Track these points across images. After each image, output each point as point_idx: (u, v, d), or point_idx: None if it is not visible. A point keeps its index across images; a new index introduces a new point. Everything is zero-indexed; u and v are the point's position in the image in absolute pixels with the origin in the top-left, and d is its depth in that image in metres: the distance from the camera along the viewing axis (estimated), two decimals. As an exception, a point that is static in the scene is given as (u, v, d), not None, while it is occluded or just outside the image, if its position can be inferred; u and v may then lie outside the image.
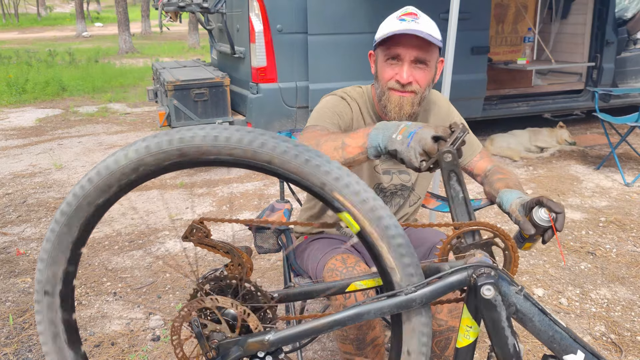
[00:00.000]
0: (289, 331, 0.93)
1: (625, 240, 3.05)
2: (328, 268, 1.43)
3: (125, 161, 0.83)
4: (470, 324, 0.97)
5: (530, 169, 4.54)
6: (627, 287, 2.51)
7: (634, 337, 2.11)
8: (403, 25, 1.40)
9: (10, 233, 3.25)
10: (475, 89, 4.70)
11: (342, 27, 4.10)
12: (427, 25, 1.42)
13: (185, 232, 1.05)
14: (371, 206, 0.86)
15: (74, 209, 0.86)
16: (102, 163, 0.84)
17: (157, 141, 0.83)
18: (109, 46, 19.40)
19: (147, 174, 0.85)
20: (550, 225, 1.21)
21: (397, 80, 1.44)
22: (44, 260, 0.88)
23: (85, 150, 5.26)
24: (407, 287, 0.90)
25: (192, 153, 0.83)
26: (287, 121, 4.22)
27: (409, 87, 1.44)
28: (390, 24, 1.45)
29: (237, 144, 0.82)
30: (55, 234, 0.87)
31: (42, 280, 0.89)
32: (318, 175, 0.84)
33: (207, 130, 0.82)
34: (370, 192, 0.87)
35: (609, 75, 5.37)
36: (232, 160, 0.84)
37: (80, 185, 0.85)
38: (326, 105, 1.55)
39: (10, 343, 2.10)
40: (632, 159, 4.70)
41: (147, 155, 0.83)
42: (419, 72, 1.44)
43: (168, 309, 2.36)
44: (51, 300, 0.90)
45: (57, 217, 0.86)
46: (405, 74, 1.43)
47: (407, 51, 1.42)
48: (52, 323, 0.91)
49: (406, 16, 1.43)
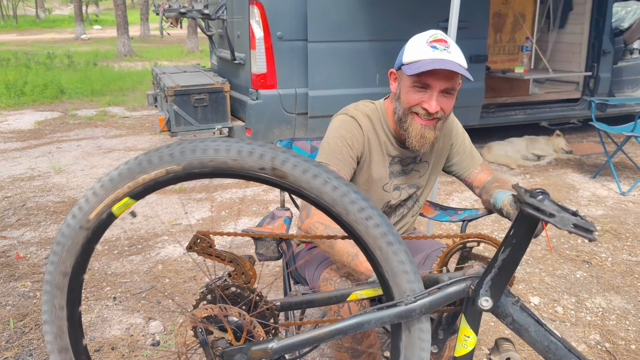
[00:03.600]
0: (291, 340, 0.95)
1: (621, 249, 3.08)
2: (323, 277, 1.45)
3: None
4: (468, 334, 1.00)
5: (527, 176, 4.57)
6: (622, 296, 2.54)
7: (628, 346, 2.14)
8: (436, 55, 1.38)
9: (10, 237, 3.27)
10: (473, 97, 4.74)
11: (341, 35, 4.14)
12: (457, 54, 1.41)
13: (189, 242, 1.07)
14: (375, 222, 0.88)
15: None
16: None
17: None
18: (108, 49, 19.43)
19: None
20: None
21: (424, 108, 1.44)
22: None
23: (84, 154, 5.27)
24: (407, 298, 0.93)
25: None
26: (287, 127, 4.25)
27: (435, 115, 1.45)
28: (421, 51, 1.42)
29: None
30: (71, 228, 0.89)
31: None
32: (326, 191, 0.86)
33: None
34: (375, 207, 0.89)
35: (605, 85, 5.43)
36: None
37: None
38: (337, 133, 1.53)
39: (11, 347, 2.11)
40: (628, 167, 4.74)
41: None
42: (445, 101, 1.44)
43: (168, 314, 2.37)
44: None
45: (75, 212, 0.88)
46: (434, 103, 1.42)
47: (437, 82, 1.41)
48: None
49: (437, 43, 1.41)
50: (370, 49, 4.24)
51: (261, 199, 3.97)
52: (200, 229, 3.29)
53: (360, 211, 0.87)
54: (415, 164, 1.64)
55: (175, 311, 2.41)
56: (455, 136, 1.69)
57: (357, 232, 0.88)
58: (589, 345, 2.15)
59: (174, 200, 3.91)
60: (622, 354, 2.09)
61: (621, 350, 2.11)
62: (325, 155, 1.50)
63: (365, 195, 0.89)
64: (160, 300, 2.49)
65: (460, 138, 1.70)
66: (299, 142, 1.99)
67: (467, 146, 1.72)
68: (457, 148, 1.70)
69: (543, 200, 0.85)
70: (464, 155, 1.71)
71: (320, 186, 0.86)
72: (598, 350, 2.12)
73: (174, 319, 2.34)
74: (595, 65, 5.36)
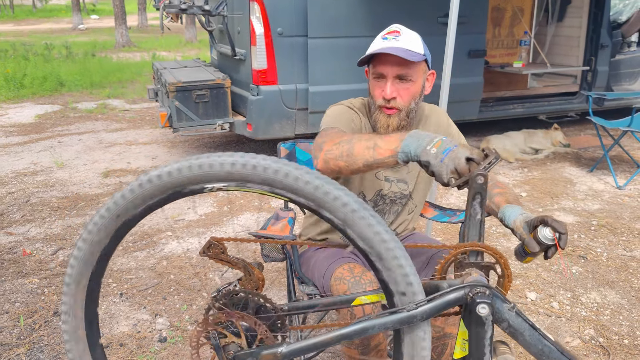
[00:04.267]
0: (300, 344, 1.01)
1: (616, 244, 3.14)
2: (335, 277, 1.50)
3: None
4: (466, 338, 1.05)
5: (524, 170, 4.62)
6: (617, 291, 2.60)
7: (621, 341, 2.21)
8: (384, 44, 1.48)
9: (16, 233, 3.32)
10: (472, 92, 4.77)
11: (341, 31, 4.17)
12: (407, 41, 1.49)
13: (202, 247, 1.12)
14: (376, 231, 0.93)
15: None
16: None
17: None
18: (106, 39, 19.34)
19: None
20: (554, 243, 1.28)
21: (382, 96, 1.53)
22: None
23: (85, 149, 5.31)
24: (408, 305, 0.98)
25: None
26: (287, 123, 4.28)
27: (393, 103, 1.52)
28: (375, 43, 1.53)
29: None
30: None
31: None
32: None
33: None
34: (377, 217, 0.94)
35: (603, 78, 5.46)
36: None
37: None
38: (338, 111, 1.62)
39: (22, 344, 2.17)
40: (624, 161, 4.79)
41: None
42: (402, 88, 1.52)
43: (173, 310, 2.43)
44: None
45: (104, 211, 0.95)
46: (389, 89, 1.51)
47: (389, 69, 1.49)
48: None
49: (389, 34, 1.51)
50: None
51: (263, 195, 4.02)
52: (213, 235, 3.35)
53: (369, 226, 0.92)
54: None
55: (181, 307, 2.47)
56: (451, 135, 1.73)
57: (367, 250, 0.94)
58: (583, 340, 2.22)
59: (176, 196, 3.96)
60: (615, 348, 2.16)
61: (614, 345, 2.18)
62: (333, 122, 1.56)
63: (373, 211, 0.94)
64: (166, 297, 2.55)
65: (456, 138, 1.74)
66: (302, 144, 2.03)
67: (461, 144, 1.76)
68: None
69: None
70: None
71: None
72: (592, 345, 2.19)
73: (180, 315, 2.40)
74: (593, 58, 5.39)
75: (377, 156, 1.23)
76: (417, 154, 1.16)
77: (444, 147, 1.13)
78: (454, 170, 1.11)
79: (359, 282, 1.45)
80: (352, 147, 1.29)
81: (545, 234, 1.28)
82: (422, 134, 1.19)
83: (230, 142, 5.51)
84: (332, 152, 1.34)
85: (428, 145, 1.15)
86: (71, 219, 3.54)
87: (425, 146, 1.15)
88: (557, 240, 1.26)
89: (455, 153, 1.11)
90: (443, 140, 1.14)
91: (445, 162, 1.11)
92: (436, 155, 1.12)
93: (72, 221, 3.50)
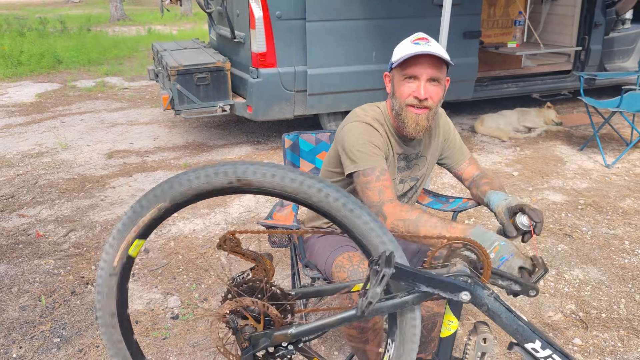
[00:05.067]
0: (307, 326, 1.16)
1: (601, 222, 3.31)
2: (336, 265, 1.66)
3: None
4: (451, 319, 1.21)
5: (517, 149, 4.76)
6: (598, 268, 2.78)
7: (599, 315, 2.39)
8: (418, 48, 1.57)
9: (28, 215, 3.46)
10: (467, 72, 4.87)
11: (338, 14, 4.24)
12: (438, 47, 1.60)
13: (219, 241, 1.26)
14: (370, 225, 1.08)
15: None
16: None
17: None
18: (100, 12, 19.16)
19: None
20: (530, 230, 1.44)
21: (415, 97, 1.60)
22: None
23: (88, 129, 5.41)
24: (402, 291, 1.13)
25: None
26: (286, 104, 4.39)
27: (425, 103, 1.61)
28: (406, 48, 1.60)
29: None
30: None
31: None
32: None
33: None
34: (373, 217, 1.08)
35: (596, 57, 5.56)
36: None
37: None
38: (364, 137, 1.64)
39: (45, 321, 2.34)
40: (614, 139, 4.94)
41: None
42: (433, 89, 1.61)
43: (183, 289, 2.60)
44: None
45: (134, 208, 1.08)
46: (423, 90, 1.59)
47: (423, 70, 1.58)
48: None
49: (420, 40, 1.60)
50: (367, 27, 4.35)
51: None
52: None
53: (371, 230, 1.07)
54: (417, 159, 1.83)
55: (190, 286, 2.64)
56: (447, 132, 1.87)
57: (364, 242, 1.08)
58: (564, 314, 2.40)
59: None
60: (593, 322, 2.34)
61: (592, 319, 2.36)
62: (364, 162, 1.61)
63: (368, 211, 1.08)
64: (176, 277, 2.72)
65: (452, 134, 1.88)
66: (304, 135, 2.16)
67: (457, 141, 1.90)
68: (449, 143, 1.88)
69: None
70: (454, 149, 1.89)
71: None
72: (572, 319, 2.37)
73: (190, 294, 2.57)
74: (586, 37, 5.47)
75: (451, 233, 1.36)
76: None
77: (501, 254, 1.24)
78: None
79: (357, 270, 1.60)
80: (418, 230, 1.40)
81: (523, 221, 1.44)
82: (486, 233, 1.28)
83: (230, 122, 5.61)
84: (398, 227, 1.46)
85: (488, 248, 1.26)
86: (80, 200, 3.68)
87: (487, 248, 1.25)
88: (532, 227, 1.42)
89: (510, 262, 1.23)
90: (501, 246, 1.25)
91: (501, 269, 1.22)
92: (494, 260, 1.24)
93: (80, 203, 3.64)
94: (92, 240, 3.12)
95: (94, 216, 3.43)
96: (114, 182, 4.01)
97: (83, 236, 3.17)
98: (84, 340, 2.22)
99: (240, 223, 3.33)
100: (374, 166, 1.59)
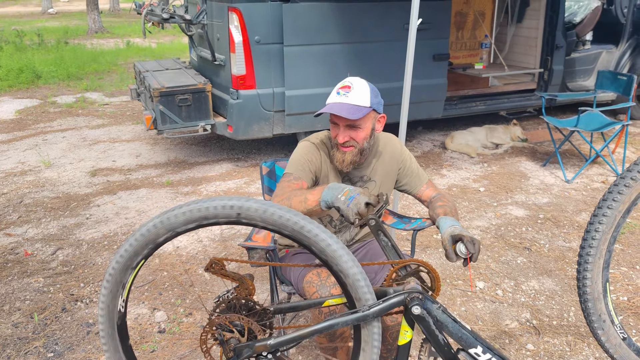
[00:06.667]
0: (284, 337, 1.36)
1: (558, 236, 3.58)
2: (306, 280, 1.86)
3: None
4: (406, 329, 1.42)
5: (485, 165, 5.04)
6: (553, 279, 3.03)
7: (551, 322, 2.63)
8: (336, 99, 1.84)
9: (15, 234, 3.58)
10: (437, 92, 5.15)
11: (314, 39, 4.47)
12: (356, 97, 1.83)
13: (206, 265, 1.45)
14: (334, 249, 1.28)
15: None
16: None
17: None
18: (77, 24, 19.10)
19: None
20: (467, 257, 1.66)
21: (337, 139, 1.89)
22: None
23: (70, 147, 5.52)
24: (363, 307, 1.34)
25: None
26: (265, 124, 4.59)
27: (347, 144, 1.89)
28: (330, 97, 1.88)
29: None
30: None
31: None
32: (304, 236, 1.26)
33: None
34: (334, 238, 1.29)
35: (558, 76, 5.89)
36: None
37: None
38: (301, 152, 1.99)
39: (38, 337, 2.48)
40: (575, 155, 5.25)
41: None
42: (354, 132, 1.88)
43: (169, 305, 2.76)
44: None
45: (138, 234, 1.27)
46: (341, 136, 1.87)
47: (340, 120, 1.86)
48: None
49: (342, 89, 1.86)
50: (342, 51, 4.59)
51: (244, 191, 4.34)
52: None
53: (333, 251, 1.27)
54: (363, 182, 2.05)
55: (176, 301, 2.80)
56: (403, 162, 2.09)
57: (333, 267, 1.29)
58: (520, 322, 2.63)
59: (163, 194, 4.25)
60: (545, 329, 2.58)
61: (545, 326, 2.60)
62: (290, 168, 1.96)
63: (336, 239, 1.29)
64: (162, 292, 2.88)
65: (408, 163, 2.10)
66: (280, 162, 2.36)
67: (414, 169, 2.12)
68: (405, 171, 2.10)
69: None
70: (412, 177, 2.11)
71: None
72: (527, 326, 2.60)
73: (175, 309, 2.73)
74: (549, 58, 5.81)
75: (308, 206, 1.68)
76: (332, 201, 1.59)
77: (350, 195, 1.56)
78: (357, 212, 1.54)
79: (324, 285, 1.80)
80: (291, 203, 1.71)
81: (461, 249, 1.66)
82: (337, 185, 1.62)
83: (211, 139, 5.79)
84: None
85: (339, 194, 1.58)
86: (65, 219, 3.81)
87: (337, 195, 1.58)
88: (469, 255, 1.64)
89: (357, 200, 1.55)
90: (350, 190, 1.57)
91: (350, 207, 1.54)
92: (344, 201, 1.56)
93: (66, 221, 3.77)
94: (79, 258, 3.26)
95: (80, 234, 3.57)
96: (98, 200, 4.15)
97: (70, 254, 3.30)
98: (76, 355, 2.37)
99: (222, 240, 3.50)
100: (292, 172, 1.92)
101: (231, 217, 1.24)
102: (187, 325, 2.60)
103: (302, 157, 1.97)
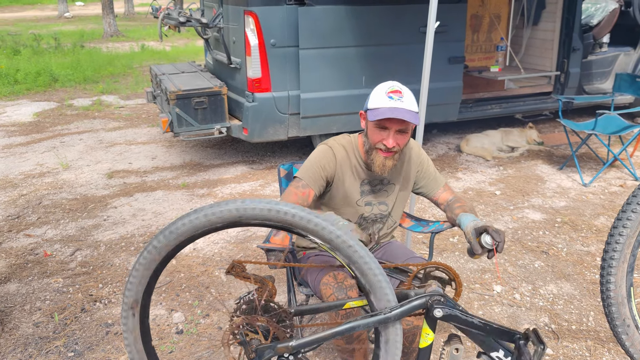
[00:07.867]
0: (306, 339, 1.36)
1: (576, 240, 3.54)
2: (323, 282, 1.86)
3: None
4: (428, 332, 1.42)
5: (500, 169, 5.00)
6: (571, 283, 3.00)
7: (570, 327, 2.60)
8: (391, 104, 1.80)
9: (34, 235, 3.63)
10: (452, 95, 5.13)
11: (330, 42, 4.48)
12: (409, 102, 1.82)
13: (227, 268, 1.46)
14: (355, 250, 1.28)
15: None
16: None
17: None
18: (93, 28, 19.33)
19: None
20: (493, 248, 1.65)
21: (384, 144, 1.85)
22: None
23: (87, 149, 5.59)
24: (385, 309, 1.34)
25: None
26: (280, 127, 4.61)
27: (392, 149, 1.86)
28: (379, 100, 1.83)
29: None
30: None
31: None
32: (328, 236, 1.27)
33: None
34: (361, 247, 1.29)
35: (575, 79, 5.84)
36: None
37: None
38: (316, 157, 1.98)
39: (59, 337, 2.51)
40: (592, 159, 5.20)
41: None
42: (401, 137, 1.86)
43: (186, 306, 2.78)
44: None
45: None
46: (391, 141, 1.84)
47: (393, 125, 1.82)
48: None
49: (393, 94, 1.82)
50: (357, 53, 4.59)
51: (259, 194, 4.36)
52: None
53: (354, 252, 1.27)
54: (383, 185, 2.05)
55: (193, 303, 2.82)
56: (421, 164, 2.09)
57: (355, 269, 1.29)
58: (538, 326, 2.61)
59: (179, 196, 4.28)
60: (564, 333, 2.55)
61: (564, 331, 2.57)
62: (302, 172, 1.95)
63: (357, 241, 1.29)
64: (179, 294, 2.90)
65: (425, 165, 2.10)
66: (298, 165, 2.37)
67: (432, 172, 2.12)
68: (423, 174, 2.10)
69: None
70: (429, 179, 2.11)
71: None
72: (545, 331, 2.58)
73: (192, 310, 2.75)
74: (565, 61, 5.76)
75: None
76: None
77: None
78: None
79: (341, 287, 1.81)
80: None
81: (487, 240, 1.66)
82: (332, 218, 1.59)
83: (226, 142, 5.82)
84: None
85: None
86: (83, 220, 3.86)
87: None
88: (495, 246, 1.63)
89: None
90: (342, 226, 1.56)
91: None
92: None
93: (84, 223, 3.81)
94: (98, 259, 3.30)
95: (98, 236, 3.61)
96: (115, 202, 4.19)
97: (89, 255, 3.34)
98: (96, 354, 2.40)
99: (238, 242, 3.52)
100: (302, 178, 1.92)
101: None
102: (205, 326, 2.62)
103: (315, 162, 1.96)
